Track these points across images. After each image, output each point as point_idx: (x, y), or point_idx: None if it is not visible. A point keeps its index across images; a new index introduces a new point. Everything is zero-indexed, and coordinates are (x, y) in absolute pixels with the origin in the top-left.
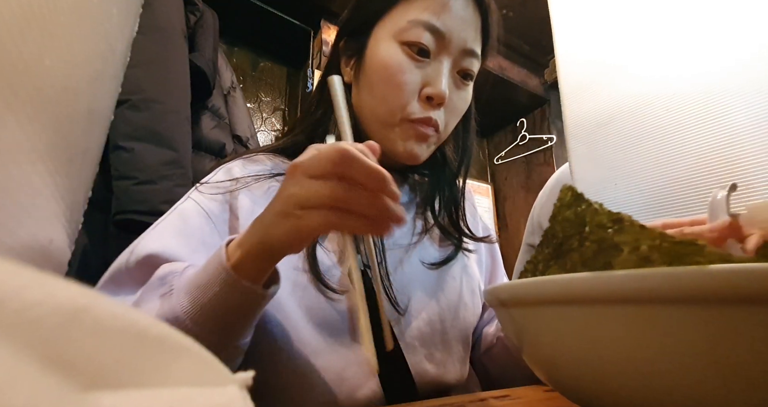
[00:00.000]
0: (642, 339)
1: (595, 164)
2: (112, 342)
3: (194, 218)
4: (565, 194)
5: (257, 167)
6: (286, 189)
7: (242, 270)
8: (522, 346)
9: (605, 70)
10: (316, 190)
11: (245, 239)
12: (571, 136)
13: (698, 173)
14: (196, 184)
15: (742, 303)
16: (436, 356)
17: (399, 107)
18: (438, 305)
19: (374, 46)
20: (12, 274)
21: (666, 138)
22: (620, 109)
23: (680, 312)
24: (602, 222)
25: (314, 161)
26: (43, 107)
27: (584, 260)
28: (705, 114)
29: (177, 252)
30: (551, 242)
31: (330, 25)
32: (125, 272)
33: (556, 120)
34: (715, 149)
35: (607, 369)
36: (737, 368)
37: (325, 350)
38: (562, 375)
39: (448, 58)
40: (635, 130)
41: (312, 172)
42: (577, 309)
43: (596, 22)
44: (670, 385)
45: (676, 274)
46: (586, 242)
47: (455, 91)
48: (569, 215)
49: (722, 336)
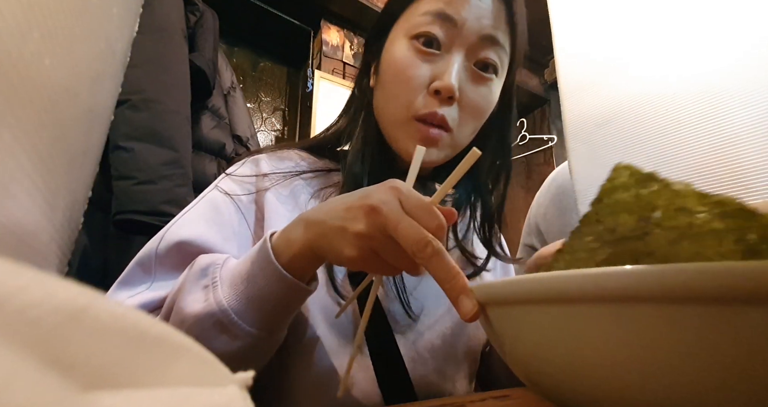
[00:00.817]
0: (619, 339)
1: (595, 163)
2: (112, 342)
3: (225, 206)
4: (620, 173)
5: (285, 164)
6: (372, 194)
7: (290, 268)
8: (501, 347)
9: (605, 71)
10: (407, 232)
11: (295, 236)
12: (570, 136)
13: (698, 173)
14: (223, 174)
15: (724, 303)
16: (446, 371)
17: (405, 103)
18: (451, 320)
19: (389, 47)
20: (12, 274)
21: (666, 138)
22: (620, 109)
23: (661, 312)
24: (687, 206)
25: (417, 207)
26: (43, 107)
27: (651, 251)
28: (705, 114)
29: (209, 240)
30: (592, 229)
31: (330, 25)
32: (155, 259)
33: (556, 120)
34: (714, 149)
35: (585, 369)
36: (719, 368)
37: (338, 351)
38: (539, 375)
39: (460, 49)
40: (635, 130)
41: (409, 210)
42: (555, 309)
43: (596, 22)
44: (650, 386)
45: (655, 272)
46: (655, 230)
47: (470, 86)
48: (625, 197)
49: (704, 336)
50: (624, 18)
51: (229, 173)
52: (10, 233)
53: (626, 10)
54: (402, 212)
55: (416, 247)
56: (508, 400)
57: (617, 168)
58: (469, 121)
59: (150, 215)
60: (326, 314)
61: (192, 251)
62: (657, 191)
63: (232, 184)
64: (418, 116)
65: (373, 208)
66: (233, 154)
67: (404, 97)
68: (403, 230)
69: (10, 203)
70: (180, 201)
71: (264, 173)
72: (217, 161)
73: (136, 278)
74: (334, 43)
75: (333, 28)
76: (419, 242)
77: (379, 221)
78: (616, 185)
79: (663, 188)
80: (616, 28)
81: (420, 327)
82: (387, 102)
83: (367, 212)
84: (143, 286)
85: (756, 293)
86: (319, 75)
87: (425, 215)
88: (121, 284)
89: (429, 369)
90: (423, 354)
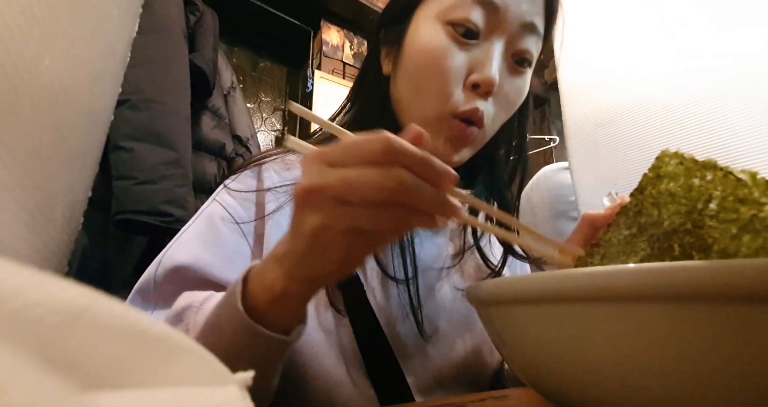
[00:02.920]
0: (622, 338)
1: (595, 163)
2: (112, 342)
3: (222, 224)
4: (665, 162)
5: (291, 174)
6: (302, 190)
7: (272, 314)
8: (502, 347)
9: (605, 71)
10: (363, 178)
11: (273, 276)
12: (571, 136)
13: None
14: (222, 184)
15: (728, 301)
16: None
17: (441, 99)
18: (464, 345)
19: (414, 31)
20: (12, 274)
21: (666, 138)
22: (620, 109)
23: (665, 311)
24: (750, 197)
25: (345, 151)
26: (43, 107)
27: (705, 245)
28: (705, 114)
29: (208, 263)
30: (633, 221)
31: (330, 25)
32: (153, 286)
33: (556, 120)
34: (714, 149)
35: (586, 369)
36: (724, 368)
37: (334, 369)
38: (539, 375)
39: (501, 37)
40: (635, 130)
41: (343, 160)
42: (556, 308)
43: (596, 23)
44: (653, 385)
45: (658, 271)
46: (708, 222)
47: (507, 79)
48: (673, 188)
49: (710, 335)
50: (624, 19)
51: (227, 186)
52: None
53: (627, 11)
54: (338, 169)
55: (384, 193)
56: (508, 400)
57: (662, 156)
58: (502, 115)
59: (150, 215)
60: (323, 327)
61: (189, 277)
62: (713, 180)
63: (230, 198)
64: (458, 113)
65: (304, 192)
66: (233, 154)
67: (440, 90)
68: (356, 187)
69: (10, 203)
70: (180, 201)
71: (266, 187)
72: (217, 161)
73: (136, 307)
74: (334, 43)
75: (333, 28)
76: (382, 185)
77: (323, 198)
78: (661, 174)
79: (722, 177)
80: (617, 30)
81: (431, 350)
82: (416, 95)
83: (302, 199)
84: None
85: (763, 292)
86: (319, 75)
87: (359, 150)
88: None
89: (435, 397)
90: (430, 384)
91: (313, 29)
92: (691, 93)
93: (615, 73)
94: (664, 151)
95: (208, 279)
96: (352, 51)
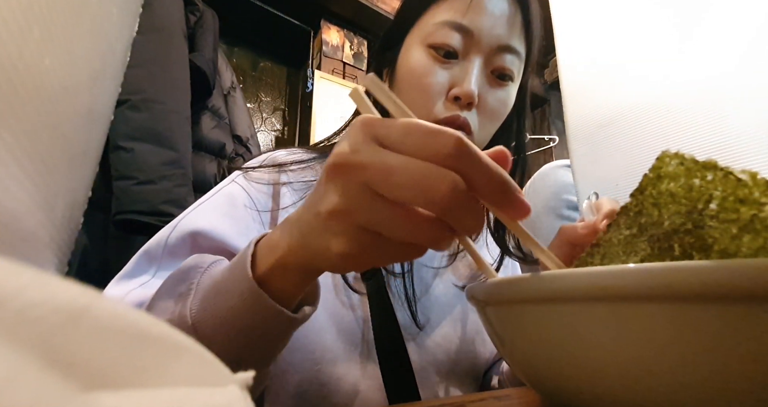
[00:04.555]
0: (622, 338)
1: (597, 164)
2: (112, 342)
3: (241, 201)
4: (666, 162)
5: (305, 173)
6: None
7: (270, 281)
8: (501, 347)
9: (606, 71)
10: (410, 170)
11: (278, 239)
12: (572, 136)
13: None
14: (239, 170)
15: (728, 301)
16: (450, 388)
17: (424, 110)
18: (457, 338)
19: (404, 54)
20: (12, 274)
21: (667, 139)
22: (621, 110)
23: (666, 311)
24: (751, 197)
25: (406, 129)
26: (43, 107)
27: (705, 245)
28: (706, 115)
29: (224, 232)
30: (633, 221)
31: (330, 25)
32: (163, 248)
33: (556, 120)
34: (715, 150)
35: (587, 369)
36: (725, 369)
37: (344, 358)
38: (539, 375)
39: (478, 56)
40: (636, 130)
41: (398, 140)
42: (556, 308)
43: (597, 23)
44: (653, 386)
45: (657, 271)
46: (709, 223)
47: (489, 91)
48: (674, 188)
49: (711, 335)
50: (625, 19)
51: (244, 168)
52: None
53: (627, 11)
54: (384, 151)
55: (428, 195)
56: (508, 400)
57: (663, 156)
58: (488, 124)
59: (150, 215)
60: (335, 320)
61: (204, 243)
62: (713, 180)
63: (248, 184)
64: (440, 120)
65: (336, 166)
66: (233, 154)
67: (423, 103)
68: (397, 178)
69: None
70: (180, 201)
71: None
72: (217, 161)
73: (139, 268)
74: (334, 43)
75: (333, 28)
76: (430, 185)
77: (354, 180)
78: (662, 174)
79: (722, 177)
80: (618, 29)
81: (425, 339)
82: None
83: (332, 173)
84: (146, 276)
85: (764, 292)
86: (319, 75)
87: (423, 138)
88: (122, 275)
89: (433, 382)
90: (427, 368)
91: (313, 29)
92: (693, 94)
93: (616, 74)
94: (665, 151)
95: (224, 248)
96: (352, 51)
